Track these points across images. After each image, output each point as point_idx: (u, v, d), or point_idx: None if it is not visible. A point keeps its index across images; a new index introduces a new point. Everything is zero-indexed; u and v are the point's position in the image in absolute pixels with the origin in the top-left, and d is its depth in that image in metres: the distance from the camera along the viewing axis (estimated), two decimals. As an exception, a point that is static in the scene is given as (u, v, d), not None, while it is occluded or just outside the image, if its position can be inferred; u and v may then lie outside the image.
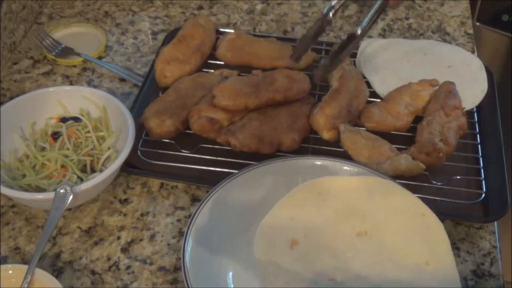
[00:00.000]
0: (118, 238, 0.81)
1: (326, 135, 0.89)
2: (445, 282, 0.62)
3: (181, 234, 0.82)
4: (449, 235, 0.81)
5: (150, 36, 1.14)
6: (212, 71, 1.00)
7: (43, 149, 0.87)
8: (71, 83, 1.04)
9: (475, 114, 0.97)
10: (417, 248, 0.67)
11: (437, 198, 0.84)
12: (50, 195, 0.77)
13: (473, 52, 1.11)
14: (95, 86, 1.03)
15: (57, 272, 0.77)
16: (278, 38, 1.07)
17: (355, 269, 0.65)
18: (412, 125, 0.92)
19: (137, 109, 0.94)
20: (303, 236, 0.69)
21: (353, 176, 0.77)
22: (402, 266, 0.64)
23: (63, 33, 1.13)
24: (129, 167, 0.87)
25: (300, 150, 0.89)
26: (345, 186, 0.74)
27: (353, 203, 0.72)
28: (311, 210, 0.72)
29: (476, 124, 0.96)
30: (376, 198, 0.72)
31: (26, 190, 0.82)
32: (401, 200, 0.72)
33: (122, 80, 1.05)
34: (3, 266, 0.72)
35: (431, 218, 0.70)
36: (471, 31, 1.17)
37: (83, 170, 0.85)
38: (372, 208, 0.72)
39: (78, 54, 1.07)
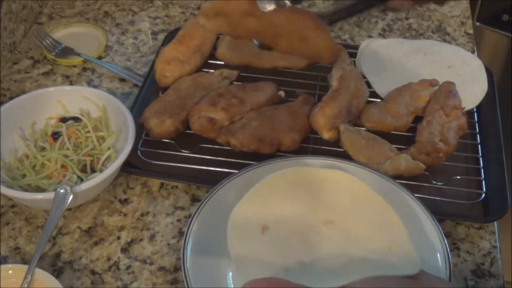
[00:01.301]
0: (118, 238, 0.81)
1: (326, 135, 0.89)
2: (408, 264, 0.65)
3: (181, 234, 0.82)
4: (449, 235, 0.82)
5: (150, 36, 1.14)
6: (212, 71, 1.00)
7: (43, 149, 0.87)
8: (71, 83, 1.04)
9: (475, 114, 0.97)
10: (380, 237, 0.69)
11: (437, 198, 0.84)
12: (50, 195, 0.77)
13: (473, 52, 1.11)
14: (95, 86, 1.03)
15: (57, 272, 0.77)
16: (278, 38, 1.07)
17: (323, 252, 0.68)
18: (412, 125, 0.92)
19: (137, 109, 0.94)
20: (273, 222, 0.70)
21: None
22: (367, 250, 0.68)
23: (63, 33, 1.13)
24: (129, 167, 0.87)
25: (300, 150, 0.89)
26: (315, 176, 0.75)
27: (321, 194, 0.73)
28: (281, 198, 0.73)
29: (476, 124, 0.96)
30: (342, 191, 0.74)
31: (26, 190, 0.82)
32: (363, 196, 0.73)
33: (122, 80, 1.05)
34: (3, 266, 0.72)
35: (390, 212, 0.71)
36: (471, 31, 1.17)
37: (83, 170, 0.85)
38: (338, 200, 0.73)
39: (78, 54, 1.07)
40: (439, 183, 0.86)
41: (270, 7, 0.70)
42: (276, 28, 0.71)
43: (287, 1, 0.70)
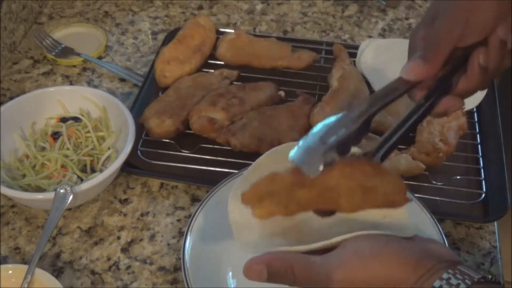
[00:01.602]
0: (118, 238, 0.81)
1: (326, 135, 0.89)
2: (403, 228, 0.63)
3: (181, 234, 0.82)
4: (449, 235, 0.82)
5: (150, 36, 1.14)
6: (212, 71, 1.00)
7: (43, 149, 0.87)
8: (71, 83, 1.04)
9: (475, 114, 0.97)
10: (375, 211, 0.66)
11: (437, 198, 0.84)
12: (50, 195, 0.77)
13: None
14: (95, 86, 1.03)
15: (57, 272, 0.77)
16: (278, 38, 1.07)
17: (324, 222, 0.65)
18: (412, 125, 0.92)
19: (137, 109, 0.94)
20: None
21: None
22: (362, 216, 0.64)
23: (63, 33, 1.13)
24: (129, 167, 0.87)
25: (300, 150, 0.89)
26: None
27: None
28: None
29: (476, 124, 0.96)
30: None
31: (26, 190, 0.82)
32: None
33: (122, 80, 1.05)
34: (3, 266, 0.72)
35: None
36: (471, 31, 1.17)
37: (83, 170, 0.85)
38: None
39: (78, 54, 1.07)
40: (439, 183, 0.86)
41: (318, 169, 0.58)
42: (333, 190, 0.60)
43: (334, 155, 0.58)
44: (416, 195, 0.79)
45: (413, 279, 0.51)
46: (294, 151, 0.59)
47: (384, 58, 1.02)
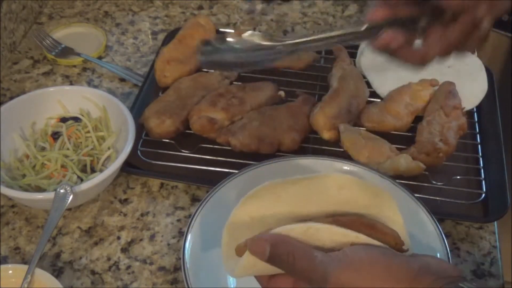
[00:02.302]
0: (118, 238, 0.81)
1: (326, 135, 0.89)
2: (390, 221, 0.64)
3: (181, 234, 0.82)
4: (449, 235, 0.82)
5: (150, 36, 1.14)
6: (212, 71, 1.00)
7: (43, 149, 0.87)
8: (71, 83, 1.04)
9: (475, 114, 0.97)
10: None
11: (437, 198, 0.84)
12: (50, 195, 0.77)
13: (473, 52, 1.11)
14: (95, 86, 1.03)
15: (57, 272, 0.77)
16: (278, 38, 1.07)
17: None
18: (412, 125, 0.92)
19: (137, 109, 0.94)
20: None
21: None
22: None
23: (63, 33, 1.13)
24: (129, 167, 0.87)
25: (300, 150, 0.89)
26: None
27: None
28: (268, 208, 0.66)
29: (476, 124, 0.96)
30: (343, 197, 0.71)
31: (26, 190, 0.82)
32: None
33: (122, 80, 1.05)
34: (3, 266, 0.72)
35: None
36: (471, 31, 1.17)
37: (83, 170, 0.85)
38: (339, 207, 0.69)
39: (78, 54, 1.07)
40: (439, 183, 0.86)
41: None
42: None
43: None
44: (416, 195, 0.79)
45: None
46: None
47: (384, 58, 1.02)
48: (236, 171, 0.82)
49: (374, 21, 0.61)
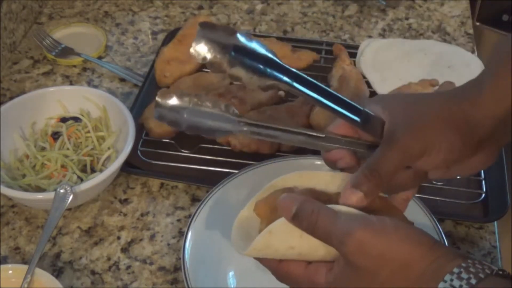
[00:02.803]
0: (118, 238, 0.81)
1: (326, 135, 0.89)
2: None
3: (181, 234, 0.82)
4: (449, 235, 0.82)
5: (150, 36, 1.14)
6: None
7: (43, 149, 0.87)
8: (71, 83, 1.04)
9: (475, 114, 0.97)
10: None
11: (437, 198, 0.84)
12: (50, 195, 0.77)
13: (473, 52, 1.11)
14: (95, 86, 1.03)
15: (57, 272, 0.77)
16: (278, 38, 1.07)
17: None
18: (412, 125, 0.92)
19: (137, 109, 0.94)
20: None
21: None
22: None
23: (63, 33, 1.13)
24: (129, 167, 0.87)
25: (300, 150, 0.89)
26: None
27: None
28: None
29: (476, 124, 0.96)
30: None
31: (26, 190, 0.82)
32: None
33: (122, 80, 1.05)
34: (3, 266, 0.72)
35: None
36: (471, 31, 1.17)
37: (83, 170, 0.85)
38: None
39: (78, 54, 1.07)
40: (439, 183, 0.86)
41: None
42: None
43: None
44: (416, 195, 0.79)
45: (429, 258, 0.51)
46: None
47: (384, 58, 1.02)
48: (236, 171, 0.82)
49: (334, 133, 0.62)
